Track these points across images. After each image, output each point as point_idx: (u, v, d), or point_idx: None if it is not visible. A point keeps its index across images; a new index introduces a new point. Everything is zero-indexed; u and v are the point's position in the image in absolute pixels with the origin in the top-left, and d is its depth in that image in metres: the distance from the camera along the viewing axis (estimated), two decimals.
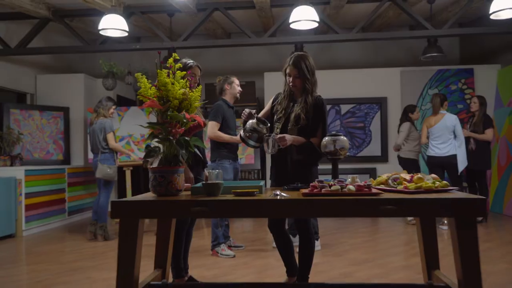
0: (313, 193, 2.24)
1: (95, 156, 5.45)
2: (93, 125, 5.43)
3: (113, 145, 5.41)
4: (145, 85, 2.49)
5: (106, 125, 5.37)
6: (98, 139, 5.36)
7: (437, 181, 2.37)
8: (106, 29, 4.75)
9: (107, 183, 5.39)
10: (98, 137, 5.36)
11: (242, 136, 2.97)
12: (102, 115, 5.41)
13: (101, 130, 5.35)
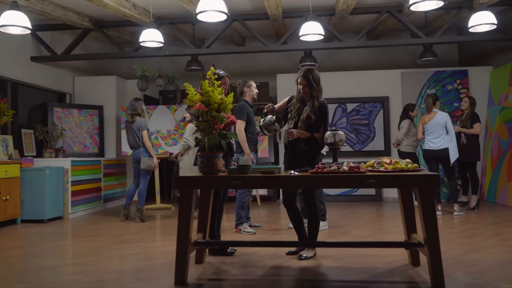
0: (316, 172, 3.08)
1: (135, 150, 6.30)
2: (131, 124, 6.27)
3: (145, 141, 6.25)
4: (192, 92, 3.35)
5: (142, 124, 6.23)
6: (137, 135, 6.22)
7: (409, 164, 3.19)
8: (146, 41, 5.61)
9: (147, 172, 6.25)
10: (136, 134, 6.22)
11: (260, 126, 3.88)
12: (138, 114, 6.25)
13: (138, 128, 6.22)
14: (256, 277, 3.35)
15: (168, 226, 5.89)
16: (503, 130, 7.40)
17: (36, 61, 7.34)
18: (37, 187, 6.30)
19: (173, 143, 7.91)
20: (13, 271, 3.65)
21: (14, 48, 6.86)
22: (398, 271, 3.37)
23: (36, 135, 7.36)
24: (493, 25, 5.44)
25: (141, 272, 3.48)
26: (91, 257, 4.05)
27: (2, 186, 5.86)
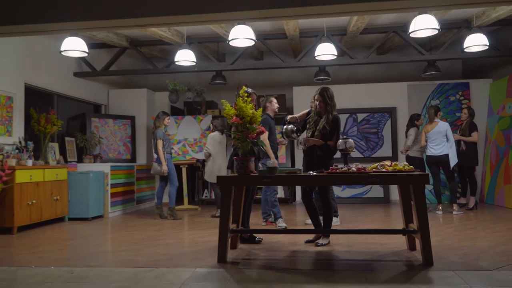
0: (331, 172, 3.85)
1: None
2: (153, 133, 7.14)
3: (158, 150, 7.06)
4: (228, 107, 4.16)
5: (157, 134, 7.06)
6: (153, 144, 7.08)
7: (406, 166, 3.94)
8: (181, 61, 6.45)
9: (172, 176, 7.06)
10: (153, 142, 7.08)
11: (283, 132, 4.71)
12: (158, 125, 7.09)
13: (154, 137, 7.06)
14: (280, 258, 4.12)
15: (198, 222, 6.68)
16: (500, 138, 8.09)
17: (78, 76, 8.23)
18: (82, 189, 7.14)
19: (199, 150, 8.72)
20: (80, 255, 4.46)
21: (60, 65, 7.75)
22: (397, 253, 4.12)
23: (77, 142, 8.22)
24: (485, 46, 6.18)
25: (186, 255, 4.27)
26: (140, 245, 4.85)
27: (54, 188, 6.70)
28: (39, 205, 6.34)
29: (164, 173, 6.95)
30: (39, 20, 4.06)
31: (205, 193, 9.39)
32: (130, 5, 3.85)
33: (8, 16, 4.10)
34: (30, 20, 4.06)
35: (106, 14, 3.91)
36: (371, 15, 6.55)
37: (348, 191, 8.96)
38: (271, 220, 6.00)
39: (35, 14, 4.05)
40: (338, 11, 3.80)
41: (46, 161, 6.96)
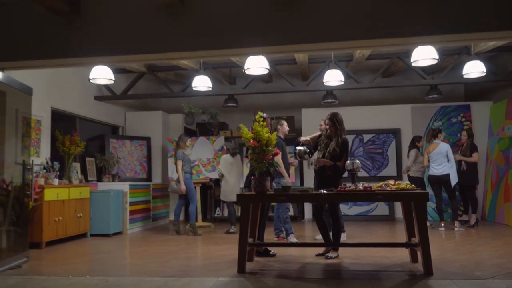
0: (340, 190, 4.26)
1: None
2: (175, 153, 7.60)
3: (177, 170, 7.49)
4: (246, 131, 4.59)
5: (177, 155, 7.51)
6: (175, 164, 7.53)
7: (408, 185, 4.34)
8: (198, 86, 6.93)
9: (192, 194, 7.48)
10: (174, 162, 7.53)
11: (296, 152, 5.15)
12: (180, 146, 7.55)
13: (175, 158, 7.51)
14: (293, 269, 4.50)
15: (214, 238, 7.06)
16: (500, 158, 8.47)
17: (98, 100, 8.73)
18: (103, 206, 7.55)
19: (212, 170, 9.14)
20: (110, 266, 4.86)
21: (82, 90, 8.25)
22: (401, 265, 4.49)
23: (96, 162, 8.68)
24: (483, 72, 6.62)
25: (208, 267, 4.66)
26: (164, 258, 5.24)
27: (77, 205, 7.13)
28: (64, 221, 6.76)
29: (182, 192, 7.36)
30: (74, 55, 4.55)
31: (217, 211, 9.78)
32: (160, 42, 4.33)
33: (45, 51, 4.59)
34: (68, 55, 4.55)
35: (139, 49, 4.39)
36: (372, 49, 7.02)
37: (355, 209, 9.32)
38: (282, 236, 6.37)
39: (72, 49, 4.53)
40: (344, 46, 4.26)
41: (69, 180, 7.40)
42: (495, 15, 3.90)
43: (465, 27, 3.97)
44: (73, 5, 4.36)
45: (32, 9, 4.47)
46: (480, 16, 3.92)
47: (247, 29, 4.19)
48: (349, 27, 4.07)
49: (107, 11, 4.43)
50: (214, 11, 4.25)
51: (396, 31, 4.00)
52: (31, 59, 4.62)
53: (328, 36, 4.13)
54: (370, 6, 4.03)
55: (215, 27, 4.24)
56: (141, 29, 4.38)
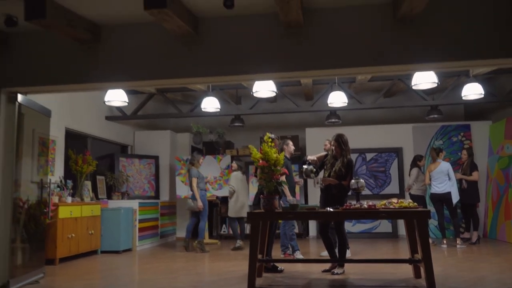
0: (346, 208, 4.48)
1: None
2: (188, 172, 7.83)
3: (193, 187, 7.72)
4: (255, 152, 4.84)
5: (192, 173, 7.74)
6: (189, 182, 7.75)
7: (411, 203, 4.57)
8: (207, 108, 7.20)
9: (204, 212, 7.68)
10: (188, 180, 7.75)
11: (303, 171, 5.38)
12: (193, 165, 7.78)
13: (190, 176, 7.74)
14: (301, 284, 4.70)
15: (221, 254, 7.25)
16: (500, 176, 8.68)
17: (109, 120, 9.00)
18: (113, 224, 7.76)
19: (219, 188, 9.36)
20: (126, 282, 5.06)
21: (94, 110, 8.53)
22: (404, 280, 4.69)
23: (106, 180, 8.91)
24: (481, 94, 6.88)
25: (219, 282, 4.85)
26: (175, 274, 5.44)
27: (89, 222, 7.34)
28: (77, 238, 6.96)
29: (199, 209, 7.57)
30: (95, 80, 4.82)
31: (223, 228, 9.97)
32: (176, 68, 4.60)
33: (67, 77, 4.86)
34: (89, 80, 4.82)
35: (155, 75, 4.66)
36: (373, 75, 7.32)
37: (359, 227, 9.50)
38: (289, 253, 6.56)
39: (92, 75, 4.80)
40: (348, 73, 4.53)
41: (81, 198, 7.63)
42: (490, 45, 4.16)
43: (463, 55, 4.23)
44: (94, 33, 4.64)
45: (55, 37, 4.75)
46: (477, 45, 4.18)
47: (258, 56, 4.46)
48: (353, 55, 4.33)
49: (125, 39, 4.71)
50: (227, 40, 4.53)
51: (398, 60, 4.26)
52: (53, 85, 4.89)
53: (334, 64, 4.39)
54: (373, 36, 4.30)
55: (227, 54, 4.51)
56: (157, 56, 4.66)
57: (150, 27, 4.62)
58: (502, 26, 4.13)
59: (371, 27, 4.33)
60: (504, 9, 4.16)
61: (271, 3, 4.03)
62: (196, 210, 7.72)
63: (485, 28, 4.17)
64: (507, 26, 4.13)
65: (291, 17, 4.09)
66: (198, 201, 7.56)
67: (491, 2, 4.17)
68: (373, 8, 4.32)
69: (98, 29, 4.72)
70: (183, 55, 4.61)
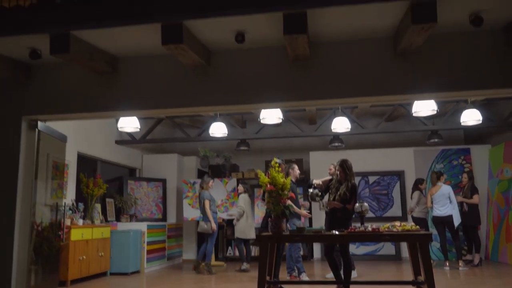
0: (351, 231, 4.69)
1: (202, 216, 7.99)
2: (199, 195, 8.04)
3: (206, 209, 7.93)
4: (263, 176, 5.07)
5: (204, 195, 7.96)
6: (201, 204, 7.95)
7: (413, 226, 4.77)
8: (214, 133, 7.47)
9: (210, 234, 7.88)
10: (201, 203, 7.95)
11: (309, 194, 5.60)
12: (204, 188, 8.01)
13: (201, 199, 7.95)
14: None
15: (228, 276, 7.43)
16: (501, 199, 8.87)
17: (118, 144, 9.27)
18: (123, 246, 7.94)
19: (225, 210, 9.55)
20: None
21: (105, 135, 8.81)
22: None
23: (115, 203, 9.12)
24: (479, 120, 7.15)
25: None
26: None
27: (99, 245, 7.53)
28: (88, 260, 7.14)
29: (213, 230, 7.75)
30: (111, 109, 5.09)
31: (229, 250, 10.12)
32: (189, 97, 4.87)
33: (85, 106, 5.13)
34: (105, 109, 5.09)
35: (169, 104, 4.94)
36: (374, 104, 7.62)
37: (362, 249, 9.65)
38: (294, 275, 6.73)
39: (109, 104, 5.07)
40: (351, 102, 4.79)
41: (92, 220, 7.82)
42: (487, 76, 4.42)
43: (461, 86, 4.48)
44: (112, 65, 4.93)
45: (74, 67, 5.02)
46: (474, 76, 4.44)
47: (266, 87, 4.73)
48: (355, 86, 4.60)
49: (141, 70, 4.99)
50: (238, 71, 4.81)
51: (398, 90, 4.53)
52: (71, 113, 5.16)
53: (337, 94, 4.66)
54: (374, 68, 4.57)
55: (237, 85, 4.79)
56: (171, 86, 4.93)
57: (165, 59, 4.89)
58: (499, 57, 4.39)
59: (373, 60, 4.60)
60: (500, 41, 4.44)
61: (279, 38, 4.30)
62: (210, 232, 7.90)
63: (482, 60, 4.43)
64: (504, 57, 4.40)
65: (298, 51, 4.37)
66: (212, 223, 7.75)
67: (486, 35, 4.44)
68: (374, 42, 4.60)
69: (116, 61, 5.01)
70: (195, 85, 4.88)
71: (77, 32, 4.21)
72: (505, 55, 4.41)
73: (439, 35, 4.38)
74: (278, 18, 3.95)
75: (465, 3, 3.85)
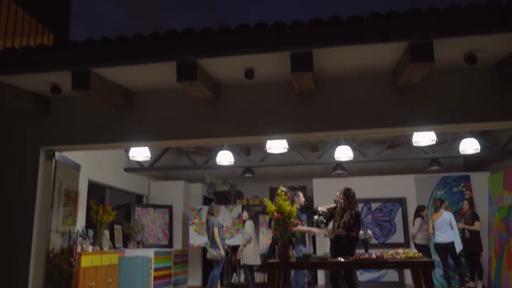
0: (356, 258, 4.87)
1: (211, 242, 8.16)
2: (208, 221, 8.22)
3: (215, 236, 8.10)
4: (270, 204, 5.29)
5: (213, 222, 8.14)
6: (209, 231, 8.12)
7: (416, 254, 4.96)
8: (221, 161, 7.71)
9: (216, 261, 8.03)
10: (209, 229, 8.12)
11: (314, 221, 5.81)
12: (213, 215, 8.20)
13: (210, 225, 8.13)
14: None
15: None
16: (501, 226, 9.02)
17: (127, 171, 9.50)
18: (130, 272, 8.09)
19: (230, 237, 9.71)
20: None
21: (114, 163, 9.06)
22: None
23: (123, 230, 9.30)
24: (477, 149, 7.39)
25: None
26: None
27: (108, 271, 7.67)
28: (97, 287, 7.28)
29: (222, 257, 7.91)
30: (125, 140, 5.34)
31: (233, 276, 10.23)
32: (199, 129, 5.13)
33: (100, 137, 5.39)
34: (120, 140, 5.34)
35: (181, 135, 5.19)
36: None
37: (366, 276, 9.75)
38: None
39: (123, 135, 5.32)
40: (353, 134, 5.04)
41: (101, 247, 7.99)
42: (484, 109, 4.67)
43: (459, 119, 4.73)
44: (127, 98, 5.20)
45: (91, 100, 5.29)
46: (472, 109, 4.68)
47: (274, 119, 4.99)
48: (357, 119, 4.85)
49: (155, 103, 5.25)
50: (246, 104, 5.07)
51: (398, 123, 4.78)
52: (87, 144, 5.41)
53: (340, 126, 4.91)
54: (375, 102, 4.84)
55: (246, 117, 5.04)
56: (183, 118, 5.18)
57: (177, 92, 5.14)
58: (494, 91, 4.64)
59: (374, 94, 4.87)
60: (493, 76, 4.71)
61: (286, 73, 4.56)
62: (219, 259, 8.04)
63: (478, 94, 4.68)
64: (499, 91, 4.65)
65: (304, 86, 4.64)
66: (221, 250, 7.91)
67: (481, 71, 4.69)
68: (375, 78, 4.87)
69: (130, 94, 5.28)
70: (205, 117, 5.13)
71: (97, 69, 4.49)
72: (499, 89, 4.67)
73: (437, 71, 4.64)
74: (285, 55, 4.23)
75: (459, 44, 4.12)
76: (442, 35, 3.89)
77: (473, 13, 3.80)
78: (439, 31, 3.86)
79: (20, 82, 4.82)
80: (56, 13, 7.64)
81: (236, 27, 4.15)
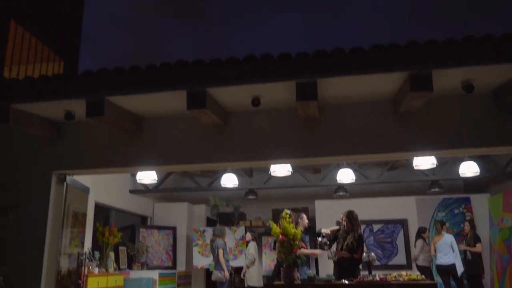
0: (360, 281, 4.99)
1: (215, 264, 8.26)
2: (213, 243, 8.33)
3: (220, 258, 8.21)
4: (274, 227, 5.43)
5: (218, 244, 8.26)
6: (214, 253, 8.23)
7: (419, 276, 5.08)
8: (225, 184, 7.86)
9: (220, 283, 8.11)
10: (214, 251, 8.23)
11: (318, 243, 5.93)
12: (219, 236, 8.32)
13: (215, 247, 8.24)
14: None
15: None
16: (502, 248, 9.12)
17: (132, 193, 9.64)
18: None
19: (234, 258, 9.79)
20: None
21: (120, 185, 9.21)
22: None
23: (128, 251, 9.39)
24: (476, 172, 7.55)
25: None
26: None
27: None
28: None
29: (226, 278, 8.00)
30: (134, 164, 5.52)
31: None
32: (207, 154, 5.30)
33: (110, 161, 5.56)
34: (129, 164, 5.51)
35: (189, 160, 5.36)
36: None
37: None
38: None
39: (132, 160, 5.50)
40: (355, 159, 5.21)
41: (106, 268, 8.08)
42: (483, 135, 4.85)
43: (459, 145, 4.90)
44: (137, 124, 5.39)
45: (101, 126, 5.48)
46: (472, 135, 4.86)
47: (279, 145, 5.17)
48: (359, 144, 5.02)
49: (164, 128, 5.44)
50: (253, 130, 5.25)
51: (399, 148, 4.96)
52: (97, 168, 5.57)
53: (343, 151, 5.08)
54: (377, 128, 5.02)
55: (253, 143, 5.22)
56: (191, 144, 5.36)
57: (185, 118, 5.33)
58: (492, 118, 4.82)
59: (375, 121, 5.05)
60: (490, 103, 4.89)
61: (292, 100, 4.75)
62: (224, 281, 8.13)
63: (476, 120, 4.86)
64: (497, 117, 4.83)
65: (309, 113, 4.83)
66: (226, 272, 8.00)
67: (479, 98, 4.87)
68: (377, 105, 5.06)
69: (140, 120, 5.47)
70: (213, 143, 5.31)
71: (109, 97, 4.69)
72: (496, 116, 4.86)
73: (436, 98, 4.83)
74: (291, 84, 4.43)
75: (457, 74, 4.32)
76: (441, 66, 4.09)
77: (468, 46, 4.00)
78: (437, 63, 4.06)
79: (36, 109, 5.02)
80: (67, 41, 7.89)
81: (243, 58, 4.37)
